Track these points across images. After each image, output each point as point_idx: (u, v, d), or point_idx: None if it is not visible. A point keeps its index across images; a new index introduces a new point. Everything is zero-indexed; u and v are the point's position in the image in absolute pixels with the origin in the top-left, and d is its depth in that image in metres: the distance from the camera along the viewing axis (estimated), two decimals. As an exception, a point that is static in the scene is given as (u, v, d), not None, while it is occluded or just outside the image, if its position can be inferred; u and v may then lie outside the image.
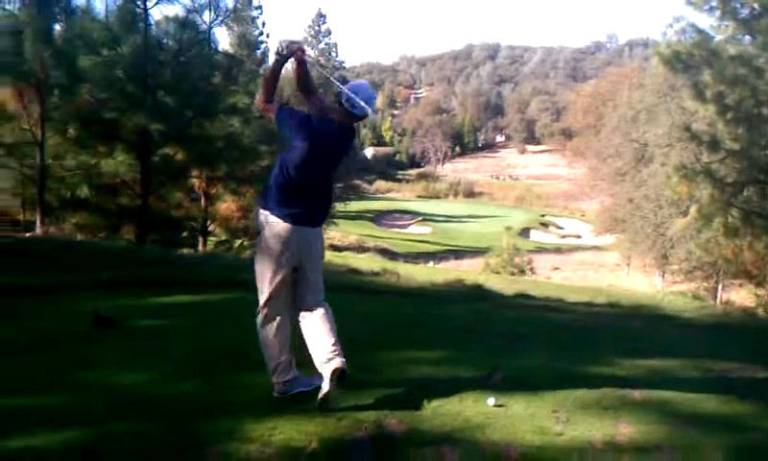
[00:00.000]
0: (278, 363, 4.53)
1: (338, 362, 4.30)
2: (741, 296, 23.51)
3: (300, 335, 4.55)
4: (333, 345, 4.37)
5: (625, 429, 4.37)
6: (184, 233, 18.03)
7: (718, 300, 25.63)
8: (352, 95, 4.46)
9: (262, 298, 4.60)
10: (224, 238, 20.42)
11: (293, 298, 4.62)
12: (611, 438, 4.23)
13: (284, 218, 4.44)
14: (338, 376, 4.29)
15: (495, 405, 4.61)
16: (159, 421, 4.15)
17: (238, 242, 20.39)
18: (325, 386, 4.28)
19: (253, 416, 4.22)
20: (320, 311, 4.51)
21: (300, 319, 4.56)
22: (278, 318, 4.56)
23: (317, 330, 4.46)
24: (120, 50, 13.68)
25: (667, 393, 5.19)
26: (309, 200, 4.52)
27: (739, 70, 14.02)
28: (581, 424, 4.41)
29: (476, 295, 10.71)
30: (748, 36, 14.68)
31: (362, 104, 4.43)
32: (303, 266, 4.56)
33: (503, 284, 13.75)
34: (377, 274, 12.37)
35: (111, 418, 4.16)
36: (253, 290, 4.82)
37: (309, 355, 4.46)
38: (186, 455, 3.74)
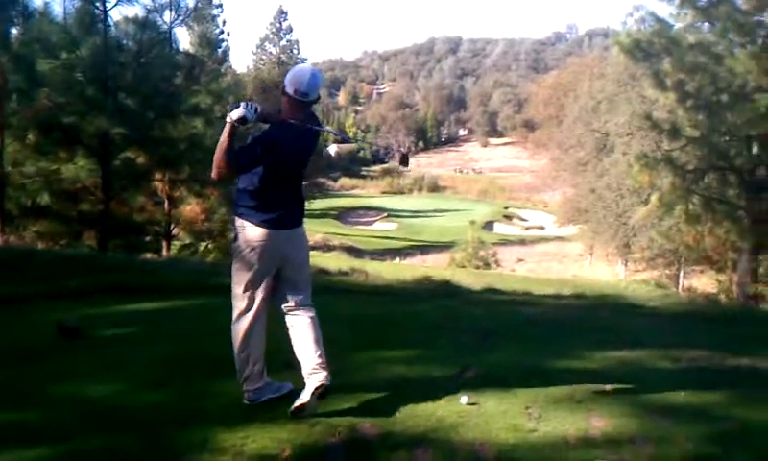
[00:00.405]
0: (250, 372, 4.46)
1: (322, 378, 4.27)
2: (703, 282, 23.90)
3: (276, 340, 4.54)
4: (319, 356, 4.33)
5: (598, 423, 4.40)
6: (148, 238, 17.82)
7: (680, 287, 26.03)
8: (297, 80, 4.31)
9: (238, 304, 4.48)
10: (188, 242, 20.23)
11: (273, 302, 4.54)
12: (584, 432, 4.26)
13: (261, 224, 4.35)
14: (320, 392, 4.26)
15: (468, 404, 4.62)
16: (131, 433, 4.10)
17: (203, 245, 20.23)
18: (305, 397, 4.24)
19: (226, 425, 4.18)
20: (306, 319, 4.45)
21: (288, 325, 4.50)
22: (254, 326, 4.45)
23: (303, 340, 4.41)
24: (79, 53, 13.48)
25: (638, 384, 5.24)
26: (284, 202, 4.45)
27: (699, 58, 14.24)
28: (554, 419, 4.43)
29: (444, 291, 10.72)
30: (707, 24, 14.91)
31: (303, 82, 4.29)
32: (285, 268, 4.47)
33: (470, 279, 13.80)
34: (346, 273, 12.35)
35: (83, 431, 4.10)
36: (224, 295, 4.79)
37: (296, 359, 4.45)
38: (159, 468, 3.69)
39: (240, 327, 4.45)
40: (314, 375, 4.28)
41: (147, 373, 5.28)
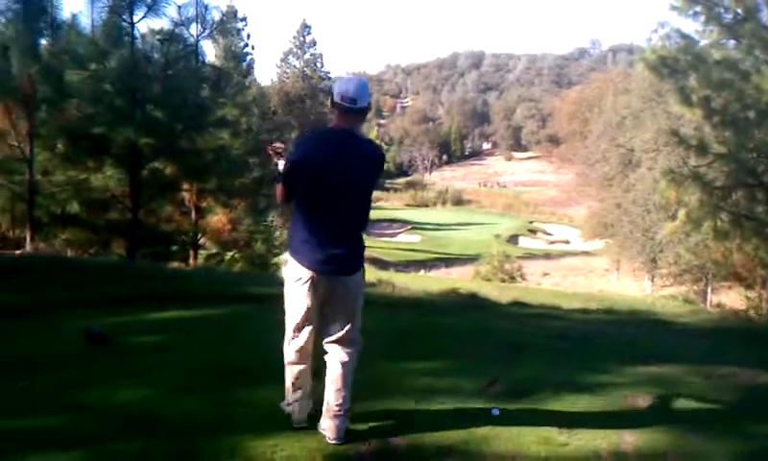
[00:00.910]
0: (293, 399, 4.32)
1: (333, 434, 4.07)
2: (731, 298, 23.60)
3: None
4: (339, 403, 4.10)
5: (629, 438, 4.35)
6: (175, 247, 17.92)
7: (708, 303, 25.74)
8: (342, 86, 3.95)
9: (286, 330, 4.32)
10: (214, 251, 20.33)
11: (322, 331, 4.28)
12: (615, 447, 4.21)
13: (302, 263, 4.02)
14: (329, 438, 4.09)
15: (498, 416, 4.58)
16: (159, 439, 4.09)
17: (229, 255, 20.31)
18: (323, 427, 4.16)
19: (255, 433, 4.17)
20: (339, 357, 4.19)
21: (325, 356, 4.27)
22: (297, 359, 4.29)
23: (330, 378, 4.18)
24: (107, 64, 13.62)
25: (670, 400, 5.18)
26: (326, 240, 3.97)
27: (725, 74, 14.10)
28: (585, 433, 4.39)
29: (472, 304, 10.70)
30: (732, 41, 14.77)
31: (350, 89, 3.91)
32: (331, 310, 4.16)
33: (497, 292, 13.75)
34: (373, 284, 12.33)
35: (110, 438, 4.10)
36: (251, 304, 4.87)
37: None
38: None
39: (286, 354, 4.34)
40: (328, 420, 4.10)
41: (175, 380, 5.28)
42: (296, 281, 4.07)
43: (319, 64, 65.37)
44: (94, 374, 5.39)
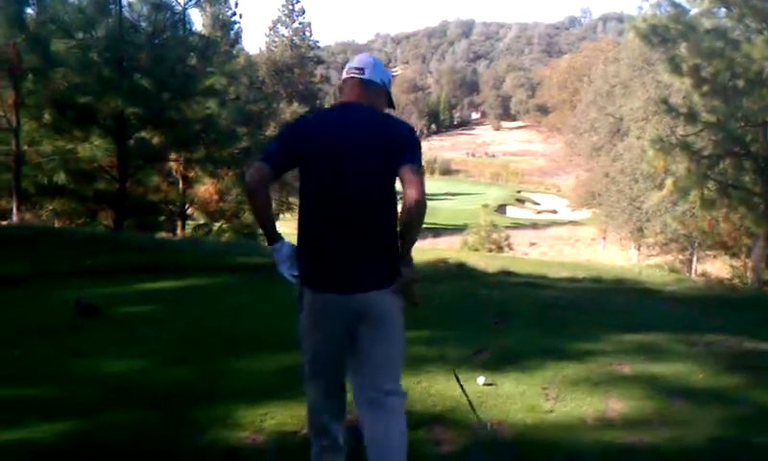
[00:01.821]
0: (309, 433, 3.22)
1: None
2: (716, 267, 23.75)
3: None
4: None
5: (615, 405, 4.41)
6: (162, 217, 17.89)
7: (693, 271, 25.91)
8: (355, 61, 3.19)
9: (305, 364, 3.16)
10: (202, 221, 20.30)
11: (347, 378, 3.14)
12: (601, 414, 4.27)
13: (306, 280, 2.99)
14: None
15: (485, 384, 4.63)
16: (151, 409, 4.13)
17: (217, 225, 20.28)
18: None
19: (245, 402, 4.21)
20: (380, 416, 2.97)
21: (359, 417, 3.04)
22: (312, 398, 3.15)
23: (370, 446, 2.96)
24: (94, 33, 13.49)
25: (656, 367, 5.24)
26: (326, 248, 2.92)
27: (715, 43, 14.09)
28: (571, 400, 4.45)
29: (460, 273, 10.74)
30: (723, 9, 14.75)
31: (365, 64, 3.16)
32: (356, 337, 2.97)
33: (484, 262, 13.77)
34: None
35: (105, 407, 4.14)
36: (239, 274, 4.81)
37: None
38: (181, 443, 3.72)
39: (306, 387, 3.18)
40: None
41: (166, 350, 5.32)
42: (300, 302, 3.06)
43: (308, 33, 64.68)
44: (85, 344, 5.42)
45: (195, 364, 4.99)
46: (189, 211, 19.12)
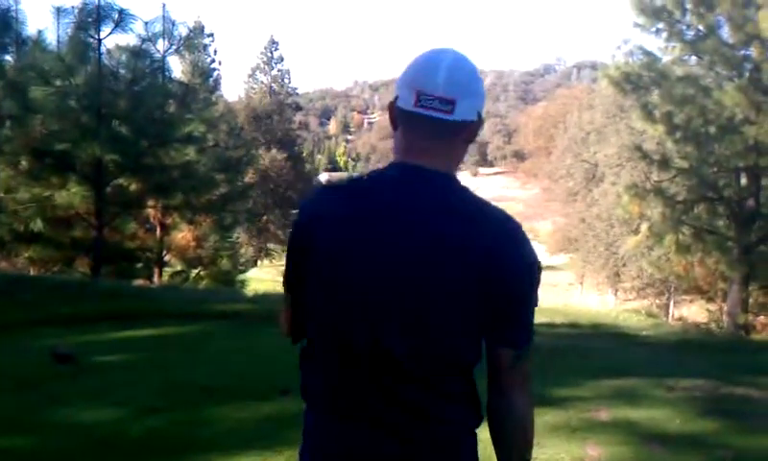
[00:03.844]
0: None
1: None
2: (693, 311, 23.95)
3: (270, 364, 3.67)
4: None
5: (593, 451, 4.42)
6: (139, 264, 17.76)
7: (670, 316, 26.09)
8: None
9: None
10: (179, 268, 20.18)
11: None
12: (580, 460, 4.27)
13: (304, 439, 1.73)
14: None
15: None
16: (126, 459, 4.08)
17: (194, 272, 20.16)
18: None
19: (222, 452, 4.18)
20: None
21: None
22: None
23: None
24: (73, 80, 13.49)
25: (633, 412, 5.26)
26: (350, 408, 1.59)
27: (687, 90, 14.39)
28: (550, 446, 4.44)
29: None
30: (694, 57, 15.09)
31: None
32: None
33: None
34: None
35: (80, 458, 4.08)
36: (216, 321, 4.78)
37: None
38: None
39: None
40: None
41: (142, 399, 5.27)
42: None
43: (286, 80, 65.19)
44: (60, 393, 5.35)
45: (171, 413, 4.94)
46: (167, 258, 19.01)
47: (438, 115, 1.58)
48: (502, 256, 1.54)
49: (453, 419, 1.59)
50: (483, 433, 1.59)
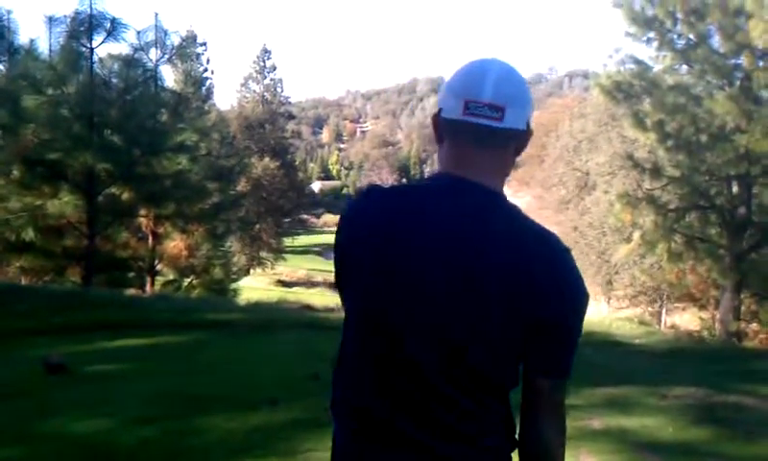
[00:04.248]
0: None
1: None
2: (685, 319, 23.97)
3: (257, 374, 3.96)
4: None
5: (587, 459, 4.41)
6: (131, 274, 17.71)
7: (663, 324, 26.11)
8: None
9: None
10: (171, 277, 20.12)
11: None
12: (573, 469, 4.27)
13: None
14: None
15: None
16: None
17: (186, 281, 20.10)
18: None
19: (213, 461, 4.16)
20: None
21: None
22: None
23: None
24: (65, 89, 13.47)
25: (626, 420, 5.27)
26: (383, 428, 1.54)
27: (678, 99, 14.46)
28: (543, 455, 4.43)
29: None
30: (685, 66, 15.16)
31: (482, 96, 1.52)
32: None
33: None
34: (332, 309, 12.33)
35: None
36: (208, 331, 4.76)
37: None
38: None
39: None
40: None
41: (133, 409, 5.24)
42: None
43: (279, 89, 65.22)
44: (52, 403, 5.33)
45: (163, 423, 4.92)
46: (159, 267, 18.96)
47: (487, 123, 1.52)
48: (551, 284, 1.48)
49: (487, 444, 1.53)
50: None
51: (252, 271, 48.74)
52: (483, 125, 1.52)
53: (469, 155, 1.56)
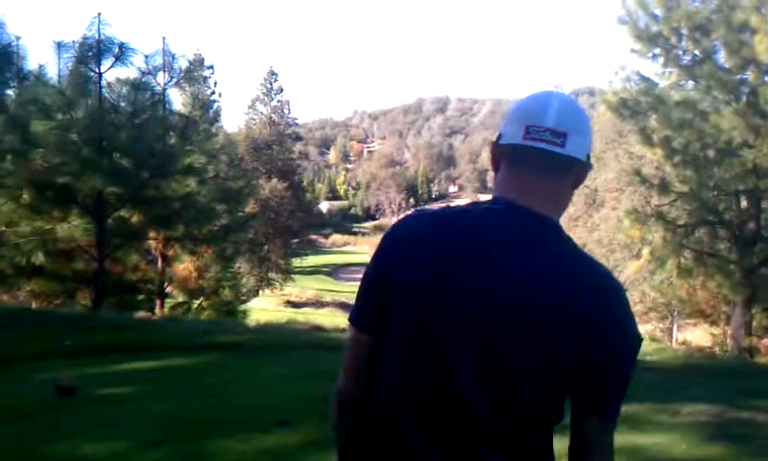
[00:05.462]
0: None
1: None
2: (696, 335, 23.83)
3: (271, 395, 4.06)
4: None
5: (599, 477, 4.38)
6: (141, 296, 17.76)
7: (674, 340, 25.98)
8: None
9: None
10: (181, 300, 20.16)
11: None
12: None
13: None
14: None
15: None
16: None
17: (196, 303, 20.13)
18: None
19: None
20: None
21: None
22: None
23: None
24: (74, 114, 13.57)
25: (638, 438, 5.22)
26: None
27: (684, 114, 14.47)
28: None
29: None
30: (691, 82, 15.18)
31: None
32: None
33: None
34: (342, 330, 12.31)
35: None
36: (218, 353, 4.76)
37: None
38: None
39: None
40: None
41: (143, 432, 5.24)
42: None
43: (286, 111, 65.60)
44: (62, 426, 5.33)
45: (173, 446, 4.92)
46: (168, 290, 19.00)
47: (549, 148, 1.48)
48: (608, 319, 1.43)
49: None
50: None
51: (261, 292, 48.82)
52: (545, 150, 1.48)
53: (528, 181, 1.52)
